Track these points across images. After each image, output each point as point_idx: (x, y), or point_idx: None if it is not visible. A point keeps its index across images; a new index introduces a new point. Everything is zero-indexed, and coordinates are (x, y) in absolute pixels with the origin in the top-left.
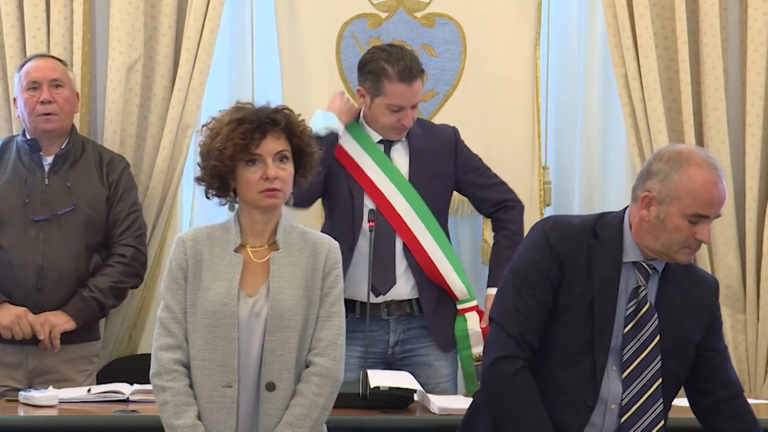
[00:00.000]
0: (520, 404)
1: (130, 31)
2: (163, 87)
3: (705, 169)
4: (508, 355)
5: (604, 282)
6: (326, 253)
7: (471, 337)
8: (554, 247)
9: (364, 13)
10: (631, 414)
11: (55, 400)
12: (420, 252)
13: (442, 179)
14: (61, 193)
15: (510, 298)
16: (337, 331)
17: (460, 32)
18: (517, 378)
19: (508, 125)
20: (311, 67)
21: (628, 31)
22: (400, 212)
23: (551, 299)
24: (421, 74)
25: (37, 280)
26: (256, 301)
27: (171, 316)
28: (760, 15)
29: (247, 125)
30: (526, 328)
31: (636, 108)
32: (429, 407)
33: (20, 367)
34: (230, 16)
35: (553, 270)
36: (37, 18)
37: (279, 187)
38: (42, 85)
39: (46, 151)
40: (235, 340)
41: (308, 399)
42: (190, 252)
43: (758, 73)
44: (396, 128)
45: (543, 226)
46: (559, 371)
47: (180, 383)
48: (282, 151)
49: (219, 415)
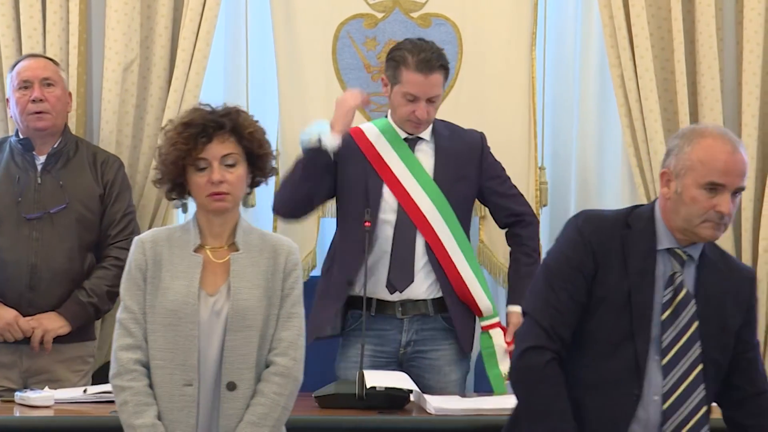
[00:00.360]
0: (546, 395)
1: (126, 32)
2: (159, 87)
3: (719, 139)
4: (538, 345)
5: (639, 271)
6: (286, 255)
7: (498, 353)
8: (588, 240)
9: (360, 14)
10: (672, 401)
11: (51, 400)
12: (443, 255)
13: (467, 183)
14: (54, 192)
15: (542, 292)
16: (297, 331)
17: (457, 33)
18: (546, 369)
19: (505, 125)
20: (307, 67)
21: (624, 32)
22: (424, 211)
23: (585, 293)
24: (441, 69)
25: (31, 279)
26: (216, 300)
27: (130, 317)
28: (756, 15)
29: (192, 129)
30: (558, 321)
31: (632, 108)
32: (425, 407)
33: (14, 367)
34: (226, 17)
35: (586, 263)
36: (33, 18)
37: (226, 190)
38: (33, 84)
39: (39, 151)
40: (195, 339)
41: (270, 399)
42: (149, 253)
43: (754, 74)
44: (411, 120)
45: (576, 221)
46: (602, 363)
47: (140, 383)
48: (228, 155)
49: (180, 414)
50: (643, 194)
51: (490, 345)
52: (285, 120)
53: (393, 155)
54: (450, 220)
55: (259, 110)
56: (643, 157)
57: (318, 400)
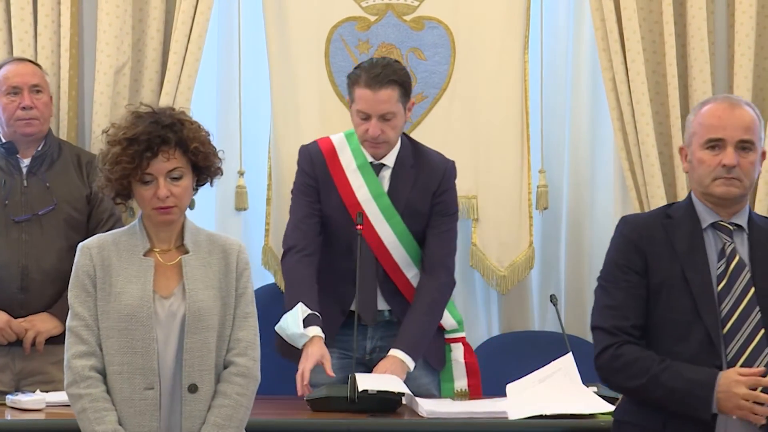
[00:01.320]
0: (640, 370)
1: (117, 34)
2: (150, 90)
3: (718, 101)
4: (604, 347)
5: (688, 250)
6: (237, 255)
7: (455, 368)
8: (629, 237)
9: (353, 17)
10: (740, 365)
11: (42, 403)
12: (403, 282)
13: (418, 218)
14: (41, 194)
15: (600, 301)
16: (254, 331)
17: (449, 36)
18: (618, 354)
19: (497, 128)
20: (300, 71)
21: (615, 35)
22: (385, 240)
23: (640, 284)
24: (391, 83)
25: (22, 280)
26: (172, 303)
27: (81, 324)
28: (747, 19)
29: (136, 146)
30: (617, 317)
31: (624, 111)
32: (417, 411)
33: (7, 369)
34: (218, 20)
35: (632, 259)
36: (24, 21)
37: (173, 203)
38: (22, 90)
39: (23, 154)
40: (154, 341)
41: (233, 399)
42: (96, 259)
43: (745, 77)
44: (366, 140)
45: (617, 228)
46: (678, 346)
47: (96, 389)
48: (174, 170)
49: (142, 418)
50: (635, 197)
51: (449, 359)
52: (277, 123)
53: (361, 183)
54: (410, 247)
55: (252, 113)
56: (635, 161)
57: (310, 403)
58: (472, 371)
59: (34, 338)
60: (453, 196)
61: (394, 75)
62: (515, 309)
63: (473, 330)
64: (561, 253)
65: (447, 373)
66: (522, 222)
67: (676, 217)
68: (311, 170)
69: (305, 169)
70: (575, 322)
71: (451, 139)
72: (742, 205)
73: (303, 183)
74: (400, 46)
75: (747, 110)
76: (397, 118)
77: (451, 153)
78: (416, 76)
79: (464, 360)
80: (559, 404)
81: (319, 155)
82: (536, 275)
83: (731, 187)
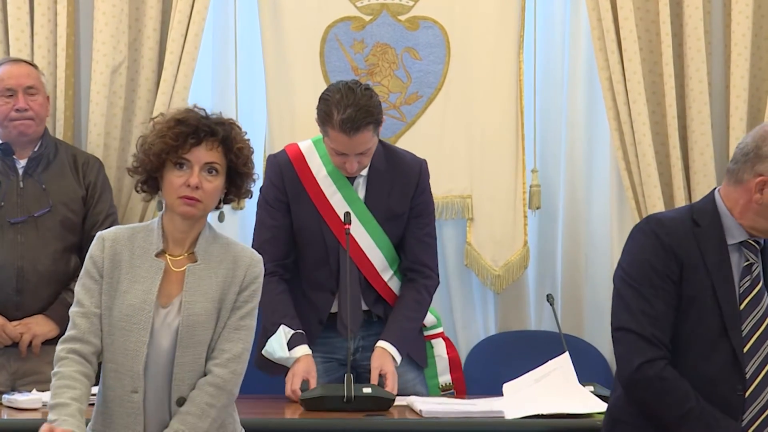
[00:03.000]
0: (676, 400)
1: (114, 34)
2: (147, 90)
3: None
4: (648, 359)
5: (718, 265)
6: (246, 267)
7: (438, 364)
8: (667, 243)
9: (348, 16)
10: (753, 389)
11: (38, 403)
12: (383, 287)
13: (399, 221)
14: (37, 195)
15: (633, 303)
16: (243, 345)
17: (444, 35)
18: (665, 376)
19: (492, 128)
20: (295, 70)
21: (612, 35)
22: (362, 246)
23: (675, 294)
24: (369, 125)
25: (17, 282)
26: (168, 312)
27: (79, 311)
28: (744, 18)
29: (183, 127)
30: (658, 328)
31: (620, 111)
32: (415, 409)
33: (2, 369)
34: (214, 19)
35: (670, 266)
36: (20, 20)
37: (199, 197)
38: (17, 92)
39: (19, 155)
40: (144, 346)
41: (200, 408)
42: (108, 251)
43: (742, 77)
44: (342, 170)
45: (646, 226)
46: (703, 364)
47: (67, 368)
48: (212, 163)
49: (128, 420)
50: (632, 197)
51: (432, 355)
52: (273, 122)
53: (334, 190)
54: (387, 251)
55: (248, 112)
56: (631, 160)
57: (304, 403)
58: (455, 365)
59: (30, 341)
60: (430, 195)
61: (369, 117)
62: (511, 308)
63: (469, 329)
64: (557, 253)
65: (431, 369)
66: (517, 221)
67: (703, 226)
68: (280, 183)
69: (274, 182)
70: (572, 321)
71: (446, 139)
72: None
73: (272, 197)
74: (395, 45)
75: None
76: (372, 148)
77: (445, 152)
78: (411, 75)
79: (447, 355)
80: (555, 404)
81: (288, 165)
82: (532, 275)
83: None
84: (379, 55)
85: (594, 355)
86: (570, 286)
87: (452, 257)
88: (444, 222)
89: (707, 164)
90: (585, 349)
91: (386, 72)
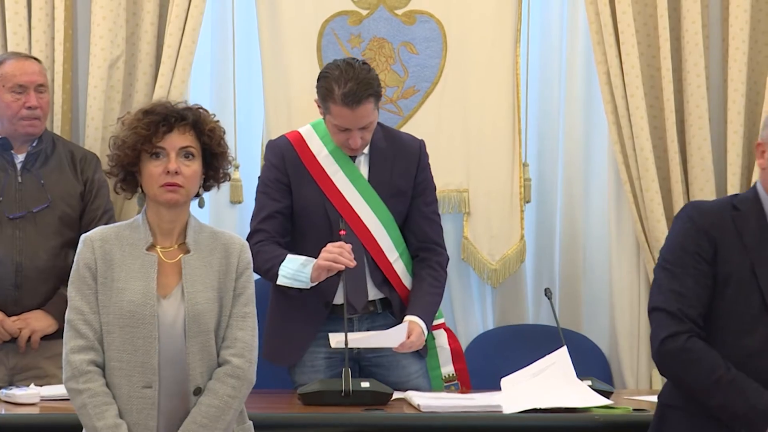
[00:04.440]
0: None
1: (111, 28)
2: (145, 84)
3: None
4: (671, 333)
5: (758, 245)
6: (238, 254)
7: (440, 355)
8: (699, 224)
9: (345, 11)
10: None
11: (36, 398)
12: (387, 267)
13: (403, 198)
14: (36, 191)
15: (665, 284)
16: (252, 332)
17: (441, 29)
18: (689, 347)
19: (489, 121)
20: (292, 65)
21: (610, 28)
22: (367, 224)
23: (709, 273)
24: (369, 98)
25: (16, 277)
26: (170, 302)
27: (80, 318)
28: (742, 12)
29: (153, 116)
30: (685, 304)
31: (618, 105)
32: (413, 404)
33: (1, 365)
34: (212, 13)
35: (703, 246)
36: (18, 14)
37: (180, 182)
38: (29, 90)
39: (17, 150)
40: (155, 340)
41: (222, 401)
42: (98, 252)
43: (739, 71)
44: (345, 147)
45: (685, 212)
46: (746, 338)
47: (95, 384)
48: (187, 147)
49: (139, 416)
50: (629, 190)
51: (433, 346)
52: (269, 116)
53: (336, 169)
54: (392, 231)
55: (245, 106)
56: (629, 154)
57: (302, 397)
58: (457, 356)
59: (29, 336)
60: (430, 174)
61: (369, 89)
62: (510, 302)
63: (468, 323)
64: (555, 247)
65: (433, 360)
66: (513, 215)
67: (743, 210)
68: (281, 164)
69: (274, 163)
70: (570, 315)
71: (443, 133)
72: None
73: (272, 179)
74: (392, 40)
75: None
76: (374, 123)
77: (442, 146)
78: (408, 69)
79: (449, 346)
80: (553, 398)
81: (289, 147)
82: (530, 269)
83: None
84: (375, 49)
85: (592, 350)
86: (568, 281)
87: (450, 252)
88: (441, 216)
89: (705, 158)
90: (583, 343)
91: (383, 66)
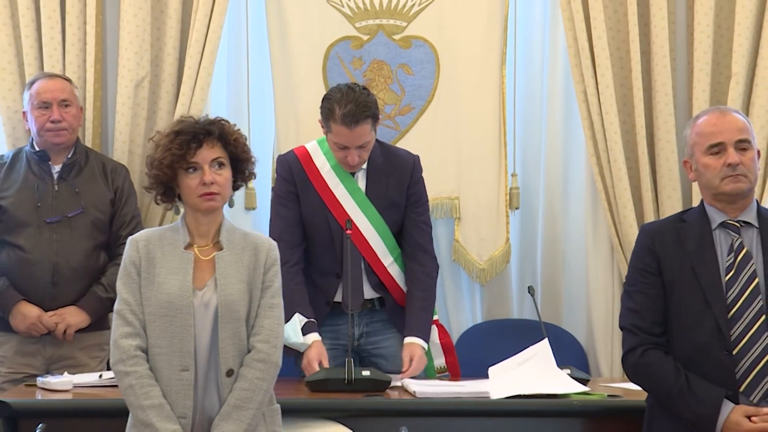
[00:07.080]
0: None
1: (137, 51)
2: (167, 102)
3: (708, 112)
4: (630, 348)
5: (697, 247)
6: (267, 252)
7: (432, 349)
8: (645, 243)
9: (348, 36)
10: (739, 349)
11: (69, 385)
12: (383, 272)
13: (397, 209)
14: (70, 198)
15: (624, 304)
16: (278, 321)
17: (434, 53)
18: (643, 362)
19: (477, 136)
20: (300, 84)
21: (587, 52)
22: (364, 232)
23: (657, 284)
24: (367, 119)
25: (53, 276)
26: (204, 293)
27: (127, 308)
28: (705, 38)
29: (183, 136)
30: (638, 318)
31: (594, 121)
32: (409, 390)
33: (38, 355)
34: (228, 38)
35: (647, 260)
36: (53, 39)
37: (216, 191)
38: (52, 105)
39: (54, 161)
40: (191, 328)
41: (252, 383)
42: (142, 251)
43: (703, 90)
44: (344, 163)
45: (637, 236)
46: (694, 333)
47: (142, 367)
48: (218, 158)
49: (177, 397)
50: (604, 198)
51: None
52: (280, 132)
53: (337, 182)
54: (387, 238)
55: (259, 121)
56: (604, 165)
57: (309, 384)
58: (448, 349)
59: (65, 330)
60: (423, 187)
61: (367, 111)
62: (496, 299)
63: (458, 318)
64: (537, 249)
65: (426, 354)
66: (499, 220)
67: (689, 221)
68: (290, 176)
69: (284, 176)
70: (550, 310)
71: (436, 146)
72: (750, 200)
73: (284, 190)
74: (390, 62)
75: (737, 115)
76: (371, 142)
77: (435, 158)
78: (405, 89)
79: (440, 341)
80: (536, 385)
81: (296, 161)
82: (515, 268)
83: (739, 183)
84: (375, 70)
85: (570, 342)
86: (549, 279)
87: (443, 253)
88: (435, 221)
89: (672, 169)
90: (562, 336)
91: (382, 86)
